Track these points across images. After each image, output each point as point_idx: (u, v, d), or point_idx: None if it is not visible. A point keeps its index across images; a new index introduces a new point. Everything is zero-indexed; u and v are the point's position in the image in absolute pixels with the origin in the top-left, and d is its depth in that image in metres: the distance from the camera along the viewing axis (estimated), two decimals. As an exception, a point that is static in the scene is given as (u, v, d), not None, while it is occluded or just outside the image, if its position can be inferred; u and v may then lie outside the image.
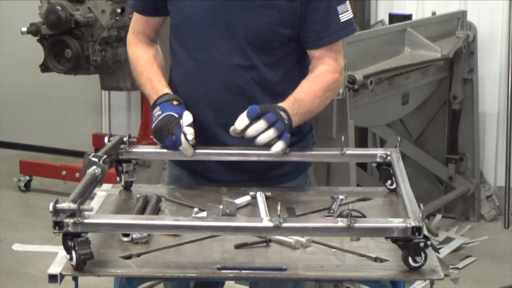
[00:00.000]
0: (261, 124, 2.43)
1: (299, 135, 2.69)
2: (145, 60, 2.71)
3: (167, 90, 2.62)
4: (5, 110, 7.19)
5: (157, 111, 2.57)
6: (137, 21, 2.76)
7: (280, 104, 2.51)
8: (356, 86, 4.09)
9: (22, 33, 5.66)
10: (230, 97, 2.61)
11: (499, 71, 5.61)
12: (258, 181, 2.69)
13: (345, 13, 2.62)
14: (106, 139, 2.60)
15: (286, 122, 2.47)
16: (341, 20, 2.61)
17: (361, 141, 5.58)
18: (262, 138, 2.43)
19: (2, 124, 7.21)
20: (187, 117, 2.53)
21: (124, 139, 2.64)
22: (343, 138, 2.72)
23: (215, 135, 2.66)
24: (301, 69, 2.67)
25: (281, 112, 2.47)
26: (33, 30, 5.65)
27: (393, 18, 5.36)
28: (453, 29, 5.41)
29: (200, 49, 2.61)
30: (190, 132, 2.50)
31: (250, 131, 2.43)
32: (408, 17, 5.35)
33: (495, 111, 5.66)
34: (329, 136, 4.09)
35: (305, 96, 2.56)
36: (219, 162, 2.65)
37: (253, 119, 2.43)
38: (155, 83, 2.65)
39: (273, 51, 2.61)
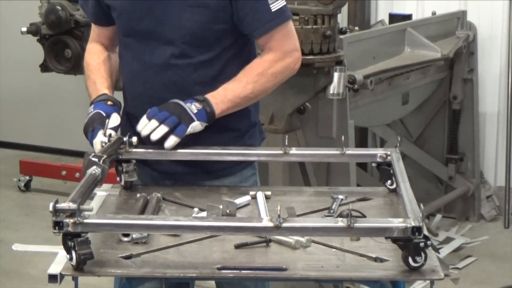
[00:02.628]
0: (152, 123, 2.57)
1: (237, 132, 2.75)
2: (94, 65, 2.84)
3: (106, 91, 2.75)
4: (5, 110, 7.19)
5: (90, 109, 2.71)
6: (93, 30, 2.91)
7: (207, 98, 2.61)
8: (356, 86, 4.09)
9: (22, 33, 5.66)
10: (170, 95, 2.67)
11: (499, 71, 5.61)
12: (205, 174, 2.76)
13: (276, 2, 2.66)
14: (106, 139, 2.60)
15: (194, 113, 2.57)
16: (272, 10, 2.64)
17: (361, 141, 5.58)
18: (154, 136, 2.57)
19: (2, 124, 7.21)
20: (113, 120, 2.66)
21: (124, 139, 2.65)
22: (343, 138, 2.72)
23: None
24: (240, 63, 2.72)
25: (191, 104, 2.58)
26: (33, 30, 5.65)
27: (393, 18, 5.36)
28: (453, 29, 5.41)
29: (140, 50, 2.71)
30: (112, 135, 2.60)
31: (144, 131, 2.58)
32: (408, 17, 5.35)
33: (495, 111, 5.66)
34: (329, 136, 4.10)
35: (235, 83, 2.64)
36: None
37: (151, 119, 2.58)
38: (98, 85, 2.79)
39: (209, 47, 2.68)
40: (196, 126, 2.57)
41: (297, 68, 2.73)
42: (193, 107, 2.57)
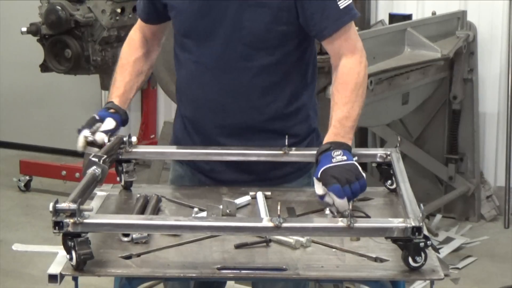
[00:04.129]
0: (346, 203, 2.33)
1: (296, 137, 2.71)
2: (124, 62, 2.82)
3: (115, 99, 2.72)
4: (5, 110, 7.19)
5: None
6: (139, 21, 2.84)
7: (332, 140, 2.47)
8: (356, 86, 4.08)
9: (22, 33, 5.65)
10: (228, 99, 2.63)
11: (499, 71, 5.61)
12: (261, 181, 2.71)
13: (344, 0, 2.60)
14: (106, 139, 2.60)
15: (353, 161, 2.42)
16: (341, 7, 2.58)
17: (361, 141, 5.58)
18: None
19: (2, 124, 7.21)
20: (107, 123, 2.63)
21: (124, 139, 2.65)
22: (343, 138, 2.71)
23: (212, 136, 2.70)
24: (302, 70, 2.68)
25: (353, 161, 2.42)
26: (33, 30, 5.65)
27: (393, 18, 5.36)
28: (453, 29, 5.41)
29: (199, 52, 2.65)
30: (100, 137, 2.57)
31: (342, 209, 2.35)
32: (408, 17, 5.35)
33: (495, 111, 5.65)
34: (329, 136, 4.09)
35: (342, 109, 2.55)
36: (224, 162, 2.69)
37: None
38: (113, 89, 2.77)
39: (272, 51, 2.61)
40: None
41: (366, 66, 2.65)
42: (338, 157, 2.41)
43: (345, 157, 2.41)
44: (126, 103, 2.75)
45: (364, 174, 2.39)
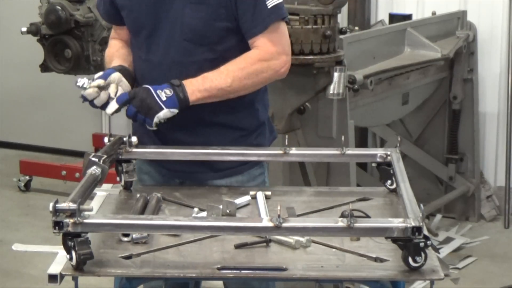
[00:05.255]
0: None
1: (244, 131, 2.74)
2: (109, 55, 2.86)
3: (114, 64, 2.75)
4: (5, 110, 7.19)
5: None
6: (113, 29, 2.95)
7: (182, 84, 2.59)
8: (356, 86, 4.09)
9: (22, 33, 5.65)
10: None
11: (499, 71, 5.61)
12: (214, 172, 2.76)
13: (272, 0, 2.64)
14: (106, 139, 2.61)
15: (163, 100, 2.54)
16: (269, 6, 2.63)
17: (361, 141, 5.58)
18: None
19: (2, 124, 7.21)
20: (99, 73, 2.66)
21: (124, 139, 2.65)
22: (343, 138, 2.72)
23: (166, 131, 2.72)
24: None
25: (162, 91, 2.56)
26: (33, 30, 5.65)
27: (393, 18, 5.36)
28: (453, 29, 5.41)
29: (146, 49, 2.72)
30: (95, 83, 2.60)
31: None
32: (408, 17, 5.35)
33: (495, 111, 5.65)
34: (329, 136, 4.10)
35: (215, 74, 2.61)
36: None
37: (121, 105, 2.57)
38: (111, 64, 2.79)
39: (213, 46, 2.66)
40: (164, 114, 2.55)
41: (283, 72, 2.69)
42: (163, 94, 2.55)
43: (166, 98, 2.54)
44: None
45: (156, 118, 2.54)
